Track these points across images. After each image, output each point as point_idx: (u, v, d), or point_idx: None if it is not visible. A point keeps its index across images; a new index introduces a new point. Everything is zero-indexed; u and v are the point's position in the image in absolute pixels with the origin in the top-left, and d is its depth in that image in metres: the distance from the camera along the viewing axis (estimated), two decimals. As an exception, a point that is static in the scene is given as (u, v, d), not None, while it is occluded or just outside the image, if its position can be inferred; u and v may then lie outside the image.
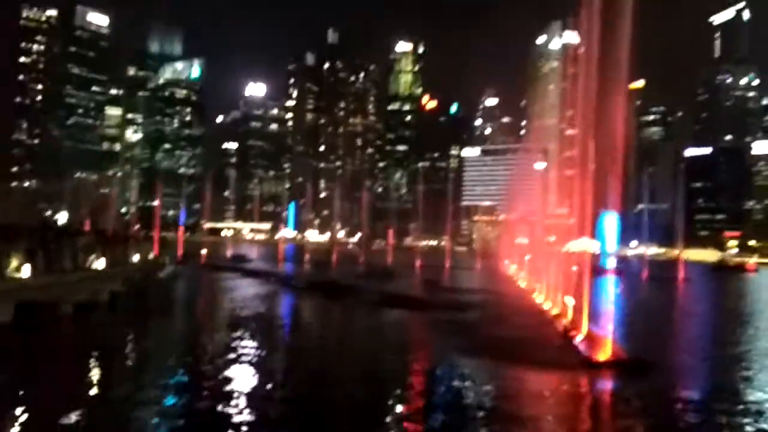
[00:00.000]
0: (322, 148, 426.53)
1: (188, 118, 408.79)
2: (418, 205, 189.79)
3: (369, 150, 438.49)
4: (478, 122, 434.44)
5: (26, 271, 39.31)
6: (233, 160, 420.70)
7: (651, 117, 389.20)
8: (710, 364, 33.39)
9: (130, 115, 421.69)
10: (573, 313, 36.06)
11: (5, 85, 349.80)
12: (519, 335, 36.28)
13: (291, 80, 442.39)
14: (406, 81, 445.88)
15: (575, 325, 33.79)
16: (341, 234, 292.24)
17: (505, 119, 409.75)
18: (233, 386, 22.99)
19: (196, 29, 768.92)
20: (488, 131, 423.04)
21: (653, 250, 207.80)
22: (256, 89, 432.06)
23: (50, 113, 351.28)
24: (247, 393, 22.36)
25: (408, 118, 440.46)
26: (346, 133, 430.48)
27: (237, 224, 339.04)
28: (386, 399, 22.51)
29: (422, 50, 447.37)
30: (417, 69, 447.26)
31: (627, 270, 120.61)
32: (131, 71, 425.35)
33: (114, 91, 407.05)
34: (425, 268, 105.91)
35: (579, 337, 31.69)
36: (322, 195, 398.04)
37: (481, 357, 30.02)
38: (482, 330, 38.67)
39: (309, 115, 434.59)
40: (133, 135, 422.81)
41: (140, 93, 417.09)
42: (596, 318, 31.98)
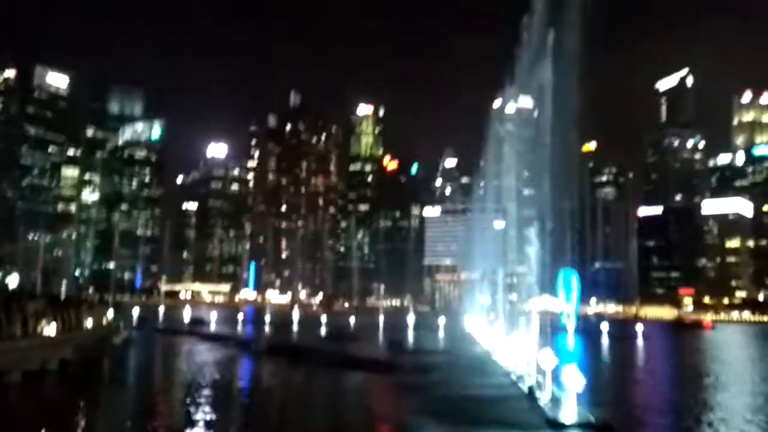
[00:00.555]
0: (284, 208, 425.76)
1: (147, 179, 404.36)
2: (381, 265, 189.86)
3: (331, 210, 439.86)
4: (438, 182, 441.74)
5: (-29, 339, 37.49)
6: (192, 221, 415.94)
7: (604, 177, 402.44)
8: (675, 423, 33.54)
9: (87, 176, 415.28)
10: (537, 374, 36.05)
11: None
12: (483, 397, 35.97)
13: (253, 141, 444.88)
14: (367, 142, 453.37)
15: (540, 386, 33.73)
16: (303, 294, 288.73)
17: (464, 179, 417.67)
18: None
19: (157, 90, 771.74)
20: (448, 191, 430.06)
21: (611, 308, 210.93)
22: (218, 150, 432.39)
23: (4, 174, 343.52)
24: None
25: (369, 179, 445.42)
26: (308, 193, 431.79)
27: (195, 286, 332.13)
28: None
29: (382, 113, 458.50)
30: (378, 131, 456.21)
31: (587, 328, 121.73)
32: (90, 132, 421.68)
33: (71, 152, 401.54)
34: (388, 329, 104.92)
35: (543, 398, 31.60)
36: (284, 255, 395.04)
37: (446, 421, 29.57)
38: (446, 392, 38.24)
39: (271, 176, 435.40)
40: (90, 196, 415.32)
41: (98, 153, 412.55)
42: (560, 378, 32.04)
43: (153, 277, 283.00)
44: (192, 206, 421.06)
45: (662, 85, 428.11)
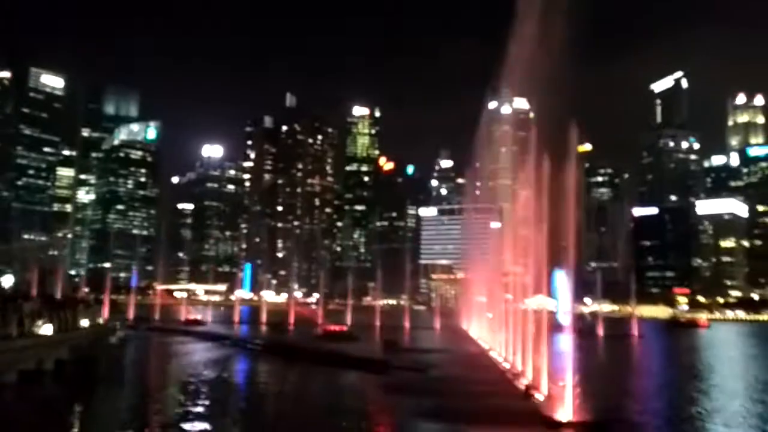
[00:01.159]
0: (280, 209, 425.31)
1: (143, 179, 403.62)
2: (377, 264, 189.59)
3: (327, 210, 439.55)
4: (434, 183, 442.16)
5: (-33, 339, 37.42)
6: (188, 221, 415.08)
7: (599, 178, 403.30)
8: (670, 424, 33.66)
9: (83, 176, 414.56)
10: (533, 372, 36.16)
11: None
12: (479, 396, 36.05)
13: (249, 142, 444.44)
14: (363, 143, 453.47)
15: (535, 384, 33.84)
16: (299, 294, 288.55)
17: (460, 180, 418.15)
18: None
19: (153, 91, 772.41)
20: (444, 191, 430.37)
21: (607, 308, 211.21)
22: (213, 150, 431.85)
23: (0, 174, 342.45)
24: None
25: (366, 179, 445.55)
26: (304, 194, 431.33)
27: (191, 286, 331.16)
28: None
29: (378, 114, 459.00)
30: (374, 132, 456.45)
31: (583, 328, 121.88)
32: (85, 132, 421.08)
33: (67, 152, 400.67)
34: (385, 328, 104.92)
35: (539, 397, 31.72)
36: (280, 255, 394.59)
37: (442, 420, 29.65)
38: (442, 391, 38.29)
39: (267, 176, 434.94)
40: (86, 196, 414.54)
41: (94, 154, 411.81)
42: (556, 377, 32.13)
43: (149, 277, 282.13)
44: (188, 206, 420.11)
45: (657, 87, 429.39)
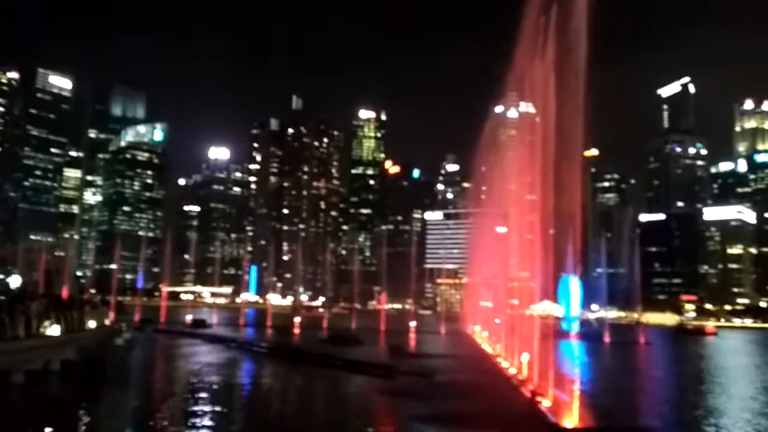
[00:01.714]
0: (286, 211, 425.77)
1: (149, 181, 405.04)
2: (382, 268, 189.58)
3: (332, 213, 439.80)
4: (440, 187, 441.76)
5: (-25, 339, 37.53)
6: (194, 223, 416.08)
7: (606, 183, 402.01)
8: (676, 430, 33.47)
9: (90, 177, 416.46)
10: (539, 378, 36.03)
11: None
12: (485, 402, 35.94)
13: (255, 144, 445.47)
14: (369, 146, 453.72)
15: (541, 391, 33.71)
16: (304, 297, 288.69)
17: (466, 184, 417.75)
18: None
19: (160, 93, 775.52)
20: (450, 195, 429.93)
21: (613, 314, 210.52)
22: (220, 153, 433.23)
23: (6, 175, 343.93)
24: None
25: (371, 182, 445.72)
26: (310, 196, 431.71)
27: (197, 288, 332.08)
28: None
29: (384, 117, 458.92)
30: (379, 135, 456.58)
31: (589, 334, 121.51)
32: (92, 134, 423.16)
33: (73, 153, 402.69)
34: (390, 333, 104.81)
35: (545, 403, 31.58)
36: (285, 258, 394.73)
37: (447, 426, 29.56)
38: (448, 397, 38.22)
39: (272, 179, 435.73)
40: (92, 197, 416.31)
41: (101, 155, 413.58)
42: (562, 383, 31.99)
43: (155, 279, 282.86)
44: (194, 208, 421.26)
45: (664, 92, 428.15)
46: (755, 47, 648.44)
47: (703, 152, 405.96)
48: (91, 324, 57.93)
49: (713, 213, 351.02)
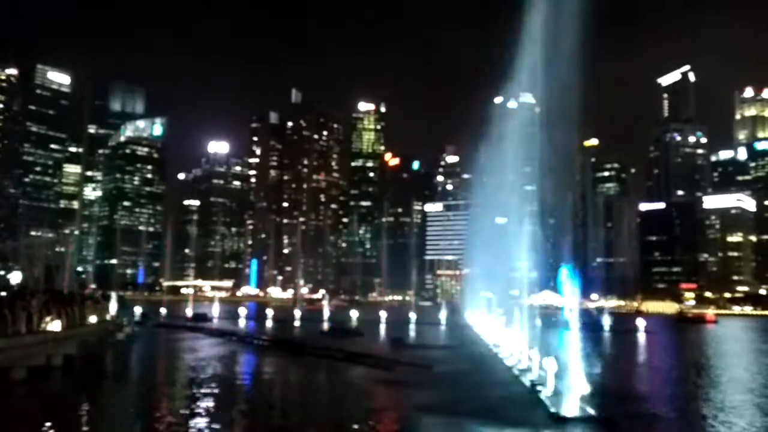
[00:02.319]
0: (286, 205, 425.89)
1: (149, 176, 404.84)
2: (383, 260, 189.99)
3: (333, 206, 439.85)
4: (440, 178, 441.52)
5: (-24, 335, 37.65)
6: (194, 217, 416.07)
7: (606, 173, 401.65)
8: (677, 417, 33.59)
9: (90, 173, 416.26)
10: (539, 368, 36.17)
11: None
12: (486, 392, 36.07)
13: (254, 138, 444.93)
14: (369, 139, 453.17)
15: (542, 381, 33.84)
16: (305, 290, 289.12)
17: (466, 175, 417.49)
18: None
19: (159, 87, 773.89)
20: (450, 187, 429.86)
21: (613, 303, 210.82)
22: (219, 147, 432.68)
23: (6, 171, 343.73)
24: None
25: (371, 175, 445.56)
26: (310, 190, 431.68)
27: (198, 282, 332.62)
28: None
29: (384, 110, 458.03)
30: (379, 127, 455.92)
31: (589, 323, 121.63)
32: (92, 129, 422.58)
33: (73, 149, 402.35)
34: (390, 324, 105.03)
35: (546, 393, 31.71)
36: (286, 251, 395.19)
37: (449, 416, 29.69)
38: (448, 387, 38.36)
39: (272, 172, 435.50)
40: (92, 192, 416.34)
41: (100, 151, 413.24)
42: (562, 373, 32.12)
43: (155, 274, 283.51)
44: (194, 203, 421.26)
45: (664, 81, 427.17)
46: (755, 34, 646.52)
47: (703, 140, 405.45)
48: (93, 319, 58.14)
49: (713, 201, 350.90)
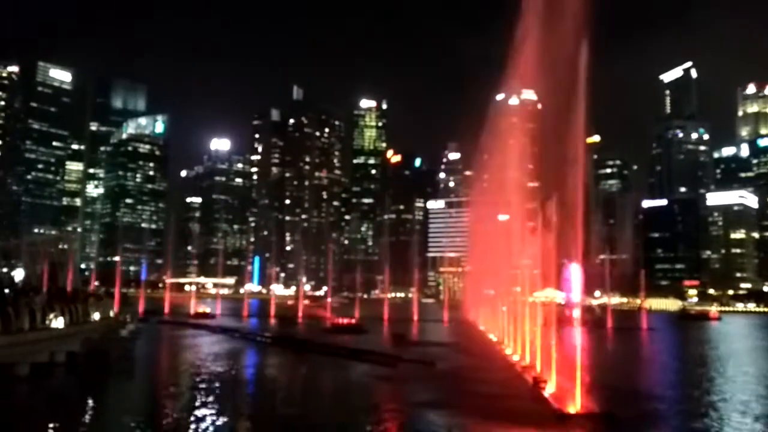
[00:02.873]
0: (288, 202, 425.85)
1: (151, 173, 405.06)
2: (385, 257, 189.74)
3: (335, 203, 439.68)
4: (442, 175, 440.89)
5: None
6: (197, 215, 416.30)
7: (608, 170, 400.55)
8: (679, 414, 33.57)
9: (92, 170, 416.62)
10: (541, 365, 36.18)
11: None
12: (489, 388, 36.11)
13: (256, 135, 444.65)
14: (371, 136, 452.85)
15: (544, 377, 33.86)
16: (307, 287, 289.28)
17: (468, 172, 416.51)
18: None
19: (161, 85, 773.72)
20: (452, 184, 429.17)
21: (616, 300, 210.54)
22: (221, 144, 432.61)
23: (9, 169, 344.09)
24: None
25: (373, 172, 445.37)
26: (312, 187, 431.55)
27: (200, 279, 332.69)
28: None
29: (385, 107, 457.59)
30: (381, 124, 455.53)
31: (592, 320, 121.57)
32: (93, 126, 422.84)
33: (75, 146, 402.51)
34: (393, 321, 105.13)
35: (548, 389, 31.74)
36: (288, 248, 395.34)
37: (452, 412, 29.72)
38: (452, 384, 38.41)
39: (274, 169, 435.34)
40: (95, 190, 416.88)
41: (102, 148, 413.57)
42: (565, 369, 32.12)
43: (158, 271, 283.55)
44: (196, 200, 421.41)
45: (666, 77, 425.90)
46: (758, 31, 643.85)
47: (706, 137, 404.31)
48: (96, 316, 58.26)
49: (716, 198, 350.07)
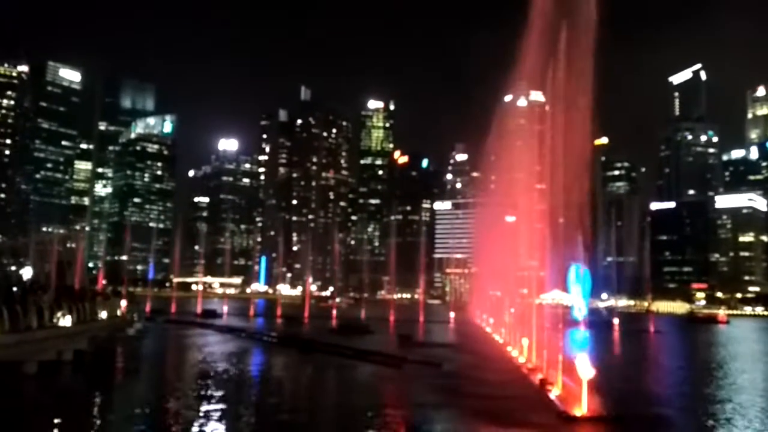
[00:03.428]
0: (295, 202, 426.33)
1: (159, 173, 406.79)
2: (391, 258, 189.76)
3: (342, 203, 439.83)
4: (449, 177, 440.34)
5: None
6: (204, 214, 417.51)
7: (616, 172, 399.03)
8: (686, 418, 33.37)
9: (100, 170, 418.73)
10: (548, 367, 36.03)
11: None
12: (495, 390, 35.99)
13: (263, 135, 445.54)
14: (378, 136, 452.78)
15: (551, 379, 33.72)
16: (313, 287, 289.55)
17: (475, 174, 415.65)
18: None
19: (169, 85, 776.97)
20: (459, 185, 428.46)
21: (623, 303, 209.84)
22: (229, 144, 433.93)
23: (18, 168, 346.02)
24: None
25: (380, 173, 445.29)
26: (319, 187, 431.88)
27: (207, 279, 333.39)
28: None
29: (393, 107, 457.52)
30: (388, 125, 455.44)
31: (599, 323, 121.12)
32: (102, 126, 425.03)
33: (84, 146, 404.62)
34: (399, 322, 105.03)
35: (555, 392, 31.60)
36: (295, 248, 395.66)
37: (458, 415, 29.64)
38: (458, 386, 38.29)
39: (281, 169, 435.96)
40: (103, 189, 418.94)
41: (111, 147, 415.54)
42: (571, 372, 31.95)
43: (165, 270, 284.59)
44: (203, 200, 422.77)
45: (675, 79, 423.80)
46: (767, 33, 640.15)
47: (715, 140, 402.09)
48: (103, 314, 58.47)
49: (724, 201, 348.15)
